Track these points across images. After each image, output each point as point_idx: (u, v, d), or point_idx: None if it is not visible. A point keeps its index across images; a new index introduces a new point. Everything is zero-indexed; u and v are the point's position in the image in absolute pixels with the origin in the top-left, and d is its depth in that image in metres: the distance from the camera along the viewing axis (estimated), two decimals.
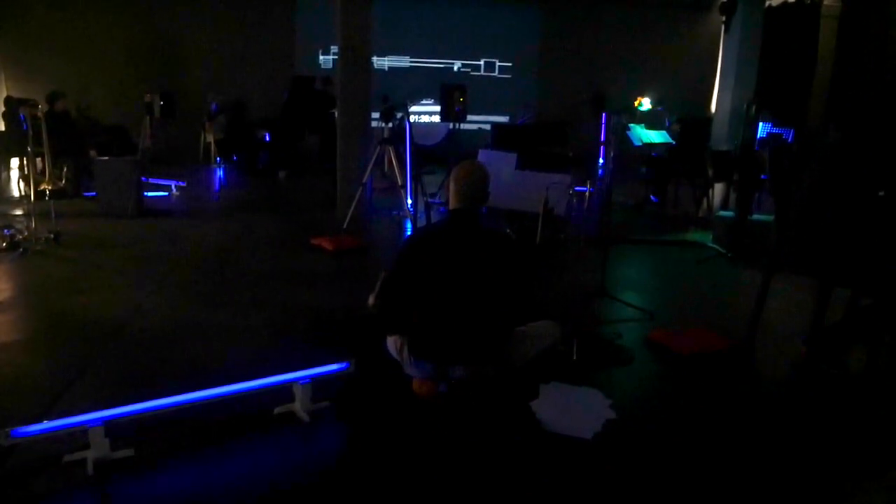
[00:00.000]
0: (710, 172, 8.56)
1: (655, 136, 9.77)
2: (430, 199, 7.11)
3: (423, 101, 13.42)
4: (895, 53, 9.61)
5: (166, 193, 8.99)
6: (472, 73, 13.98)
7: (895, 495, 2.75)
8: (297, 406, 3.12)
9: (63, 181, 8.53)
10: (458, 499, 2.62)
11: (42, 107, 7.25)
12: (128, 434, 2.78)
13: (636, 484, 2.74)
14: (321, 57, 13.38)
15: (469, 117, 9.51)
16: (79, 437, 2.67)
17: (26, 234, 6.15)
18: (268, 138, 11.60)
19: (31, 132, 6.77)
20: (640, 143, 9.73)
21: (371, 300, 2.99)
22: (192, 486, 2.62)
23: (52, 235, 6.21)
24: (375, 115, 8.89)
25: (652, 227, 8.05)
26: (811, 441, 3.14)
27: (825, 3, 12.03)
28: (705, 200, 8.84)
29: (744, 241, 6.38)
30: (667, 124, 9.97)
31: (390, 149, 8.41)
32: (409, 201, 7.75)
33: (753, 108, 6.91)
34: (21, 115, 8.31)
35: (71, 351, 3.83)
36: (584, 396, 3.39)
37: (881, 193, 3.79)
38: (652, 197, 9.10)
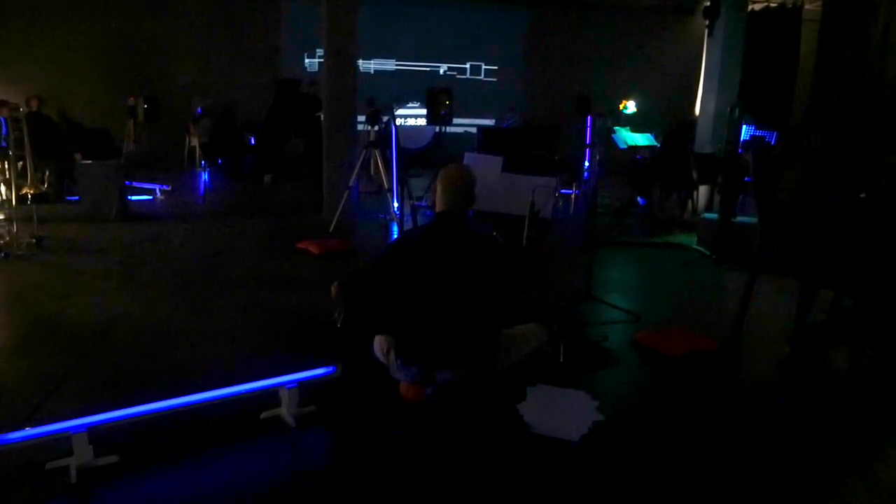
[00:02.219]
0: (695, 175, 8.63)
1: (640, 139, 9.84)
2: (416, 203, 7.11)
3: (409, 105, 13.42)
4: (875, 56, 9.74)
5: (150, 198, 8.92)
6: (458, 77, 14.03)
7: (879, 492, 2.78)
8: (284, 410, 3.10)
9: (45, 185, 8.45)
10: (445, 502, 2.61)
11: (23, 109, 7.17)
12: (112, 441, 2.75)
13: (623, 485, 2.75)
14: (307, 60, 13.36)
15: (455, 120, 9.52)
16: (62, 443, 2.63)
17: (8, 238, 6.07)
18: (253, 142, 11.56)
19: (11, 135, 6.70)
20: (626, 146, 9.79)
21: (334, 289, 2.98)
22: (178, 492, 2.59)
23: (34, 240, 6.14)
24: (361, 118, 8.88)
25: (637, 230, 8.09)
26: (796, 440, 3.16)
27: (806, 7, 12.21)
28: (690, 203, 8.91)
29: (728, 243, 6.43)
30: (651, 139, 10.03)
31: (376, 152, 8.40)
32: (396, 204, 7.74)
33: (737, 110, 6.97)
34: (2, 119, 8.23)
35: (54, 357, 3.78)
36: (571, 398, 3.40)
37: (863, 195, 3.84)
38: (640, 199, 9.16)
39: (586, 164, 9.61)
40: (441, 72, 14.08)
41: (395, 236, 7.26)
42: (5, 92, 10.26)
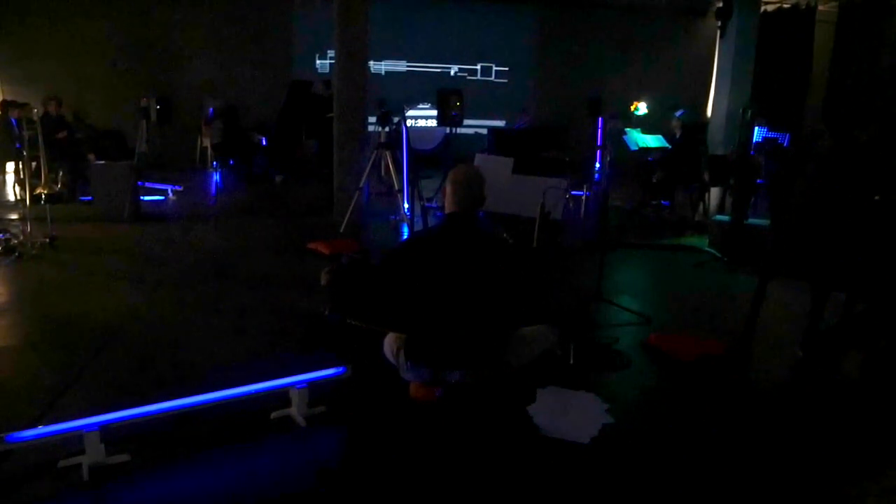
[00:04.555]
0: (707, 177, 8.58)
1: (652, 141, 9.79)
2: (426, 204, 7.12)
3: (420, 106, 13.44)
4: (890, 58, 9.65)
5: (163, 198, 8.97)
6: (469, 78, 14.01)
7: (892, 498, 2.76)
8: (294, 411, 3.11)
9: (59, 185, 8.52)
10: (455, 503, 2.61)
11: (38, 111, 7.25)
12: (123, 439, 2.77)
13: (633, 488, 2.74)
14: (318, 61, 13.39)
15: (466, 122, 9.51)
16: (74, 442, 2.65)
17: (22, 238, 6.13)
18: (264, 143, 11.61)
19: (25, 136, 6.76)
20: (637, 148, 9.74)
21: (324, 278, 2.99)
22: (188, 491, 2.61)
23: (47, 240, 6.19)
24: (372, 119, 8.89)
25: (648, 231, 8.06)
26: (808, 445, 3.14)
27: (820, 8, 12.13)
28: (701, 204, 8.86)
29: (740, 246, 6.39)
30: (678, 114, 9.94)
31: (387, 153, 8.42)
32: (406, 206, 7.75)
33: (749, 112, 6.93)
34: (13, 120, 8.32)
35: (66, 356, 3.82)
36: (581, 401, 3.39)
37: (877, 198, 3.80)
38: (663, 201, 9.10)
39: (597, 165, 9.58)
40: (452, 73, 14.08)
41: (406, 237, 7.26)
42: (19, 92, 10.38)
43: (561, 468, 2.83)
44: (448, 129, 9.46)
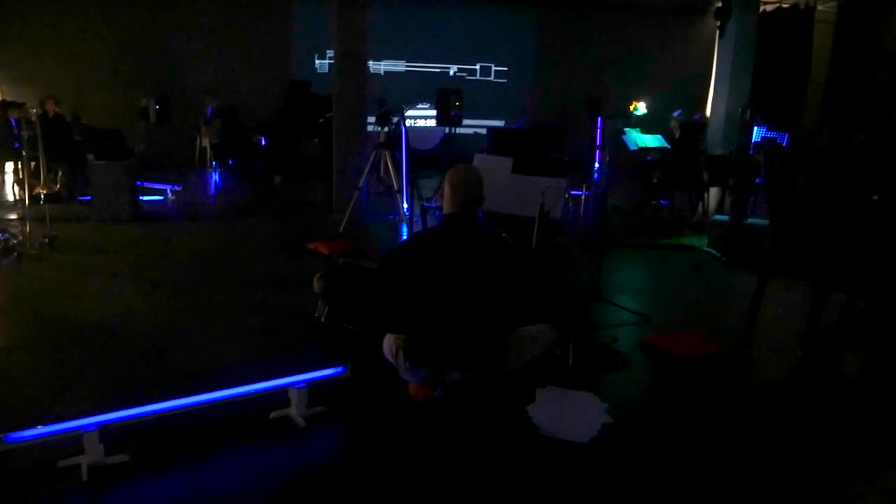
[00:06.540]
0: (706, 176, 8.58)
1: (651, 141, 9.80)
2: (426, 204, 7.11)
3: (419, 106, 13.44)
4: (889, 57, 9.67)
5: (162, 198, 8.96)
6: (469, 78, 14.00)
7: (892, 498, 2.76)
8: (293, 411, 3.11)
9: (58, 185, 8.52)
10: (454, 503, 2.61)
11: (36, 110, 7.24)
12: (123, 439, 2.77)
13: (632, 488, 2.74)
14: (318, 61, 13.39)
15: (465, 122, 9.50)
16: (73, 442, 2.65)
17: (21, 238, 6.13)
18: (264, 143, 11.60)
19: (24, 136, 6.76)
20: (636, 148, 9.75)
21: (317, 285, 2.99)
22: (187, 491, 2.61)
23: (46, 240, 6.18)
24: (371, 119, 8.89)
25: (647, 231, 8.06)
26: (807, 445, 3.14)
27: (819, 8, 12.13)
28: (700, 204, 8.87)
29: (739, 246, 6.40)
30: (676, 114, 9.94)
31: (386, 153, 8.41)
32: (406, 205, 7.75)
33: (748, 112, 6.94)
34: (13, 120, 8.32)
35: (65, 356, 3.81)
36: (580, 401, 3.39)
37: (875, 197, 3.81)
38: (662, 201, 9.10)
39: (596, 165, 9.58)
40: (451, 73, 14.08)
41: (405, 238, 7.27)
42: (18, 92, 10.37)
43: (560, 468, 2.83)
44: (447, 129, 9.46)
